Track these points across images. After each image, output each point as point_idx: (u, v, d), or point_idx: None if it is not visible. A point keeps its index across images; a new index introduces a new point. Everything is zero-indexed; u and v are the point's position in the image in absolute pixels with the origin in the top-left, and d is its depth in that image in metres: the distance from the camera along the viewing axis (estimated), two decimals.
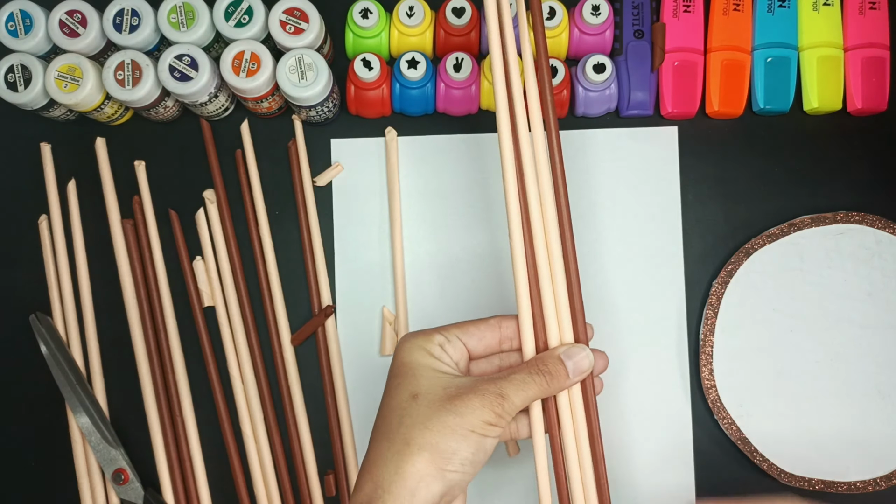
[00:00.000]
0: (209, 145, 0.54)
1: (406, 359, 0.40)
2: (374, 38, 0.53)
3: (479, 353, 0.42)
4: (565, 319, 0.42)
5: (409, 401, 0.38)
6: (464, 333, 0.41)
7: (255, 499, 0.53)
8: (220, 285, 0.54)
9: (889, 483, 0.52)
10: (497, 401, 0.37)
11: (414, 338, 0.41)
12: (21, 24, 0.50)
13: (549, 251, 0.42)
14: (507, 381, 0.38)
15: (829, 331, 0.53)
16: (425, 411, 0.37)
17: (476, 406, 0.37)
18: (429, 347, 0.40)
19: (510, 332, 0.43)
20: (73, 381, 0.52)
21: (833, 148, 0.55)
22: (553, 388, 0.40)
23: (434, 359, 0.40)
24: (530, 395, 0.39)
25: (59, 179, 0.55)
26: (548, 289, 0.42)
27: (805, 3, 0.53)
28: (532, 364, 0.40)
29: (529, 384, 0.39)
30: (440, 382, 0.38)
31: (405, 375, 0.39)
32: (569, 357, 0.40)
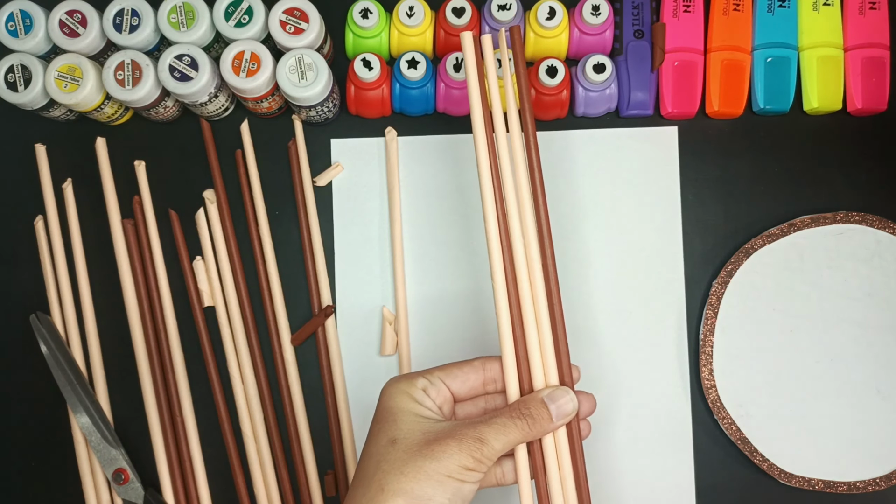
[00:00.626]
0: (209, 145, 0.54)
1: (388, 403, 0.40)
2: (374, 38, 0.53)
3: (463, 395, 0.42)
4: (550, 361, 0.41)
5: (388, 446, 0.38)
6: (447, 376, 0.41)
7: (255, 499, 0.53)
8: (220, 285, 0.54)
9: (889, 483, 0.52)
10: (475, 445, 0.37)
11: (397, 382, 0.40)
12: (21, 24, 0.50)
13: (533, 292, 0.41)
14: (487, 426, 0.38)
15: (829, 331, 0.53)
16: (402, 456, 0.37)
17: (454, 451, 0.36)
18: (411, 392, 0.40)
19: (494, 374, 0.42)
20: (73, 381, 0.52)
21: (833, 148, 0.55)
22: (536, 433, 0.39)
23: (416, 403, 0.39)
24: (511, 440, 0.38)
25: (59, 179, 0.55)
26: (532, 330, 0.41)
27: (805, 3, 0.53)
28: (514, 407, 0.39)
29: (511, 428, 0.38)
30: (420, 427, 0.38)
31: (386, 420, 0.39)
32: (552, 400, 0.40)
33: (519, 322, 0.41)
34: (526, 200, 0.42)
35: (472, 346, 0.53)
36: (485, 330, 0.54)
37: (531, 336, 0.41)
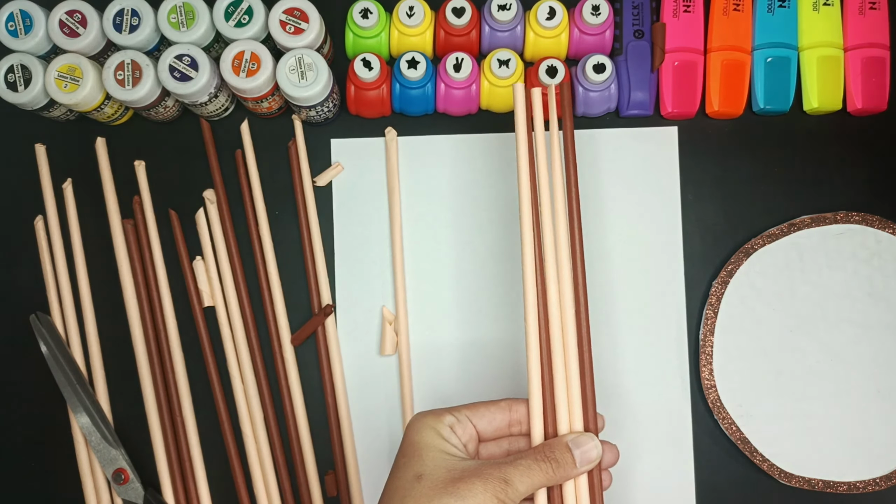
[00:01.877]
0: (209, 145, 0.54)
1: (415, 438, 0.40)
2: (374, 38, 0.53)
3: (488, 434, 0.42)
4: (576, 407, 0.42)
5: (413, 481, 0.38)
6: (474, 415, 0.41)
7: (255, 499, 0.53)
8: (220, 285, 0.54)
9: (889, 483, 0.52)
10: (500, 486, 0.37)
11: (424, 417, 0.41)
12: (21, 24, 0.50)
13: (564, 339, 0.42)
14: (513, 467, 0.38)
15: (829, 331, 0.53)
16: (427, 493, 0.37)
17: (479, 490, 0.36)
18: (438, 428, 0.40)
19: (520, 416, 0.42)
20: (73, 381, 0.52)
21: (833, 148, 0.55)
22: (559, 477, 0.39)
23: (443, 440, 0.40)
24: (535, 483, 0.38)
25: (59, 179, 0.55)
26: (560, 375, 0.42)
27: (805, 3, 0.53)
28: (539, 450, 0.40)
29: (535, 471, 0.38)
30: (445, 464, 0.38)
31: (412, 455, 0.39)
32: (577, 445, 0.40)
33: (548, 366, 0.42)
34: (563, 248, 0.43)
35: (473, 346, 0.53)
36: (485, 330, 0.54)
37: (559, 381, 0.42)
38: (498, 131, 0.55)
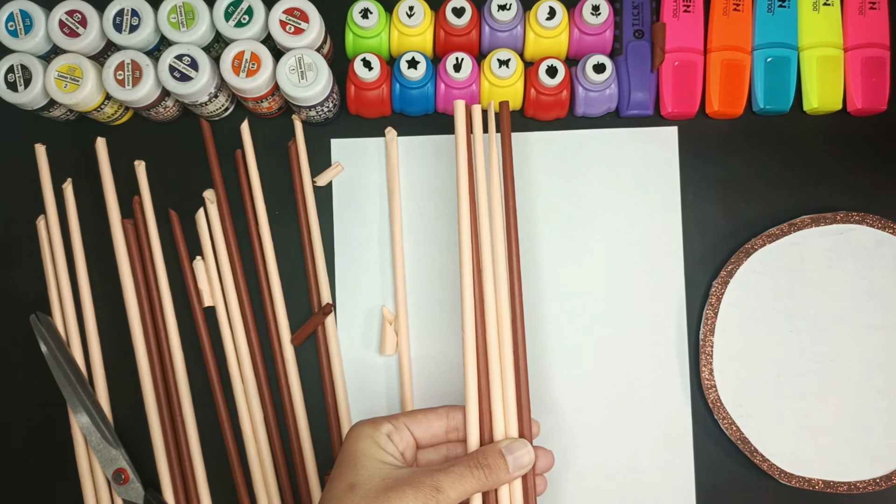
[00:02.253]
0: (209, 145, 0.54)
1: (352, 447, 0.40)
2: (374, 38, 0.53)
3: (426, 441, 0.43)
4: (511, 413, 0.43)
5: (346, 491, 0.38)
6: (412, 422, 0.42)
7: (255, 499, 0.53)
8: (220, 285, 0.54)
9: (889, 483, 0.52)
10: (432, 494, 0.37)
11: (363, 426, 0.41)
12: (21, 24, 0.50)
13: (500, 346, 0.44)
14: (445, 474, 0.39)
15: (829, 331, 0.53)
16: (360, 502, 0.37)
17: (410, 499, 0.37)
18: (375, 437, 0.40)
19: (457, 423, 0.43)
20: (73, 380, 0.52)
21: (833, 148, 0.55)
22: (492, 483, 0.40)
23: (379, 448, 0.40)
24: (468, 489, 0.39)
25: (59, 179, 0.55)
26: (496, 382, 0.43)
27: (805, 3, 0.53)
28: (472, 457, 0.40)
29: (467, 478, 0.39)
30: (380, 473, 0.39)
31: (347, 465, 0.40)
32: (510, 452, 0.41)
33: (485, 374, 0.43)
34: (500, 255, 0.45)
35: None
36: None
37: (495, 388, 0.43)
38: (497, 131, 0.55)
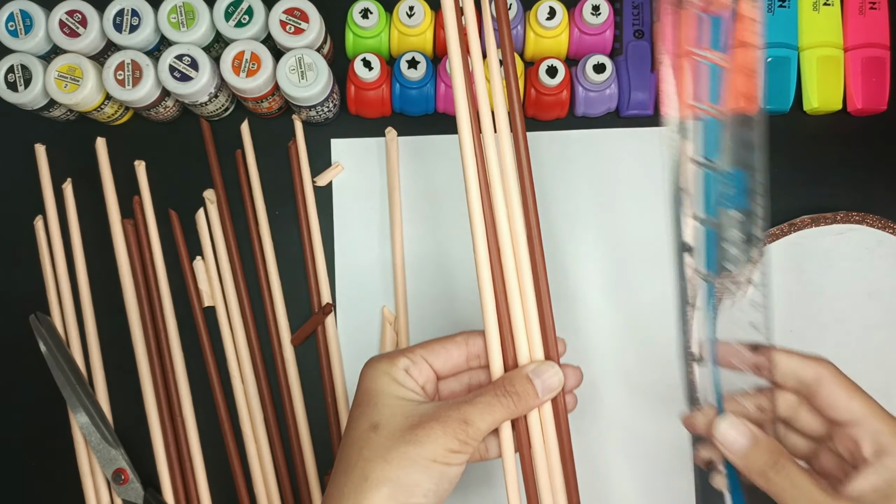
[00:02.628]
0: (209, 145, 0.54)
1: (369, 386, 0.38)
2: (374, 38, 0.53)
3: (446, 372, 0.40)
4: (535, 335, 0.40)
5: (369, 431, 0.36)
6: (429, 354, 0.39)
7: (255, 499, 0.53)
8: (220, 285, 0.54)
9: None
10: (461, 427, 0.36)
11: (378, 362, 0.39)
12: (21, 24, 0.50)
13: (517, 263, 0.40)
14: (472, 405, 0.36)
15: (829, 331, 0.53)
16: (385, 443, 0.35)
17: (438, 434, 0.35)
18: (393, 373, 0.38)
19: (478, 349, 0.41)
20: (73, 381, 0.52)
21: (833, 148, 0.55)
22: (521, 409, 0.38)
23: (398, 385, 0.38)
24: (497, 419, 0.37)
25: (59, 179, 0.55)
26: (516, 303, 0.39)
27: (805, 3, 0.53)
28: (499, 385, 0.38)
29: (496, 407, 0.37)
30: (402, 410, 0.37)
31: (367, 404, 0.38)
32: (537, 375, 0.38)
33: (503, 294, 0.40)
34: (510, 169, 0.40)
35: None
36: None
37: (515, 309, 0.39)
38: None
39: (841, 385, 0.37)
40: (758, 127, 0.37)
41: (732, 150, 0.37)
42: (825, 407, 0.37)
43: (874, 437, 0.35)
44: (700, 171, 0.37)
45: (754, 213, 0.37)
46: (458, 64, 0.40)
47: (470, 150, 0.39)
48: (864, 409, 0.36)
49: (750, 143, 0.37)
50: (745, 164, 0.37)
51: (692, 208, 0.38)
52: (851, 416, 0.36)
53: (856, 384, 0.37)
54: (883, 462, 0.35)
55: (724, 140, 0.37)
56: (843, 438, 0.37)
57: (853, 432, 0.36)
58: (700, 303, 0.38)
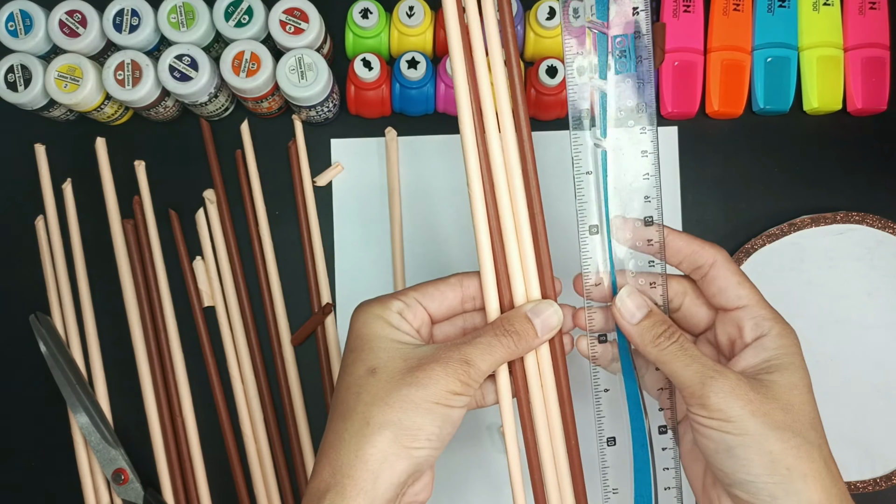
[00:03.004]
0: (209, 145, 0.54)
1: (362, 330, 0.37)
2: (374, 38, 0.53)
3: (441, 315, 0.39)
4: (532, 274, 0.38)
5: (367, 376, 0.35)
6: (423, 296, 0.38)
7: (255, 499, 0.53)
8: (220, 285, 0.54)
9: (889, 483, 0.52)
10: (462, 368, 0.35)
11: (369, 306, 0.37)
12: (21, 24, 0.50)
13: (512, 199, 0.38)
14: (472, 346, 0.36)
15: (829, 331, 0.53)
16: (385, 386, 0.34)
17: (440, 376, 0.34)
18: (386, 316, 0.37)
19: (473, 291, 0.39)
20: (73, 381, 0.52)
21: (833, 148, 0.55)
22: (521, 349, 0.37)
23: (393, 328, 0.36)
24: (497, 359, 0.36)
25: (59, 179, 0.55)
26: (512, 242, 0.38)
27: (805, 3, 0.53)
28: (497, 325, 0.37)
29: (496, 347, 0.36)
30: (400, 354, 0.35)
31: (362, 349, 0.36)
32: (536, 314, 0.37)
33: (498, 234, 0.38)
34: (501, 88, 0.38)
35: None
36: None
37: (511, 248, 0.38)
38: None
39: (733, 271, 0.38)
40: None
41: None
42: (715, 291, 0.38)
43: (756, 322, 0.37)
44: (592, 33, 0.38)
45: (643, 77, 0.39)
46: (460, 57, 0.38)
47: (462, 78, 0.38)
48: (751, 295, 0.38)
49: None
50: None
51: (589, 73, 0.39)
52: (738, 302, 0.37)
53: (744, 273, 0.38)
54: (762, 342, 0.37)
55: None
56: (726, 325, 0.38)
57: (738, 316, 0.38)
58: (595, 169, 0.39)
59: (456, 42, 0.38)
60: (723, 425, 0.34)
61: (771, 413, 0.34)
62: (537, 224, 0.39)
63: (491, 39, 0.38)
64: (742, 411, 0.34)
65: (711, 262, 0.38)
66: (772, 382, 0.35)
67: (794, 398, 0.35)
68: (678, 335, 0.37)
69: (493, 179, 0.38)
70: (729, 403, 0.34)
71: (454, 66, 0.38)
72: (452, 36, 0.38)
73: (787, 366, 0.36)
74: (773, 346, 0.36)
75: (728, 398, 0.34)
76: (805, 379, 0.36)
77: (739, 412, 0.34)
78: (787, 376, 0.35)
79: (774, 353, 0.36)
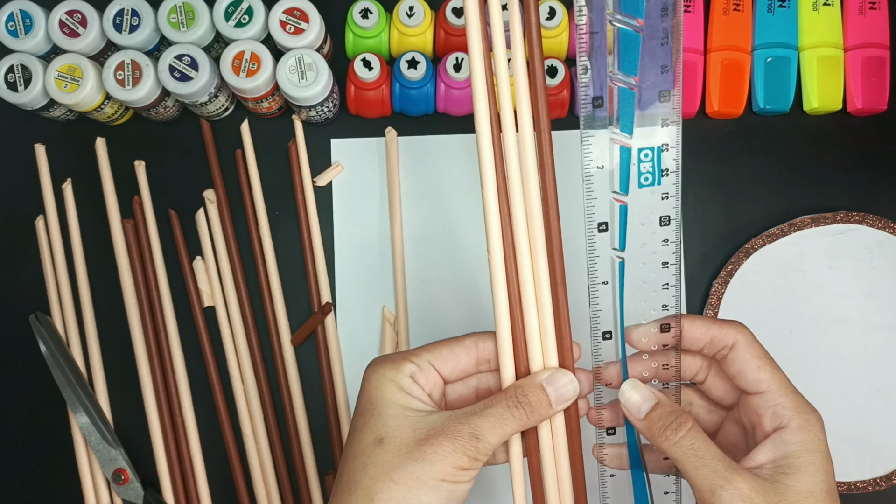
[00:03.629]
0: (209, 145, 0.54)
1: (373, 394, 0.36)
2: (374, 38, 0.53)
3: (454, 377, 0.38)
4: (550, 341, 0.37)
5: (374, 445, 0.35)
6: (436, 358, 0.37)
7: (255, 499, 0.53)
8: (220, 285, 0.54)
9: (889, 483, 0.52)
10: (471, 443, 0.34)
11: (382, 367, 0.37)
12: (21, 24, 0.50)
13: (534, 265, 0.37)
14: (482, 418, 0.35)
15: (829, 331, 0.53)
16: (391, 459, 0.34)
17: (447, 451, 0.34)
18: (398, 380, 0.36)
19: (488, 354, 0.38)
20: (73, 381, 0.52)
21: (833, 148, 0.55)
22: (534, 421, 0.36)
23: (404, 393, 0.36)
24: (508, 432, 0.35)
25: (59, 179, 0.55)
26: (531, 307, 0.37)
27: (805, 3, 0.53)
28: (510, 395, 0.36)
29: (507, 419, 0.35)
30: (408, 423, 0.35)
31: (370, 414, 0.36)
32: (551, 384, 0.36)
33: (517, 298, 0.37)
34: (530, 158, 0.37)
35: None
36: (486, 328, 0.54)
37: (530, 312, 0.37)
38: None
39: (754, 353, 0.37)
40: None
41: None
42: (735, 374, 0.37)
43: (775, 410, 0.36)
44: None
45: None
46: (479, 56, 0.37)
47: (488, 142, 0.37)
48: (771, 380, 0.36)
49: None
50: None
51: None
52: (758, 387, 0.36)
53: (768, 355, 0.37)
54: (781, 435, 0.35)
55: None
56: (747, 409, 0.37)
57: (757, 403, 0.36)
58: (610, 279, 0.38)
59: (477, 54, 0.37)
60: None
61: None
62: (558, 289, 0.37)
63: (515, 44, 0.37)
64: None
65: (732, 343, 0.37)
66: (787, 489, 0.34)
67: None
68: (687, 428, 0.35)
69: (514, 242, 0.37)
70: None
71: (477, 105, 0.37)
72: (473, 40, 0.37)
73: (806, 467, 0.34)
74: (794, 441, 0.35)
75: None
76: (825, 482, 0.34)
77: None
78: (805, 481, 0.34)
79: (794, 448, 0.35)
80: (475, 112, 0.37)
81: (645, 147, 0.37)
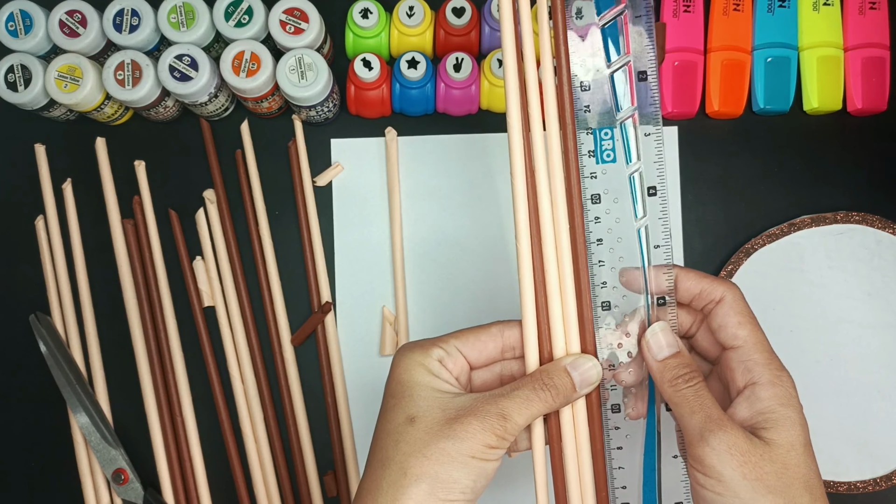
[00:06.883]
0: (209, 145, 0.54)
1: (403, 377, 0.37)
2: (374, 38, 0.53)
3: (479, 363, 0.40)
4: (572, 328, 0.39)
5: (406, 424, 0.36)
6: (463, 345, 0.39)
7: (255, 499, 0.53)
8: (220, 285, 0.54)
9: (889, 483, 0.52)
10: (499, 422, 0.35)
11: (411, 352, 0.38)
12: (21, 24, 0.50)
13: (558, 256, 0.39)
14: (509, 399, 0.36)
15: (829, 331, 0.53)
16: (423, 437, 0.35)
17: (476, 430, 0.35)
18: (427, 363, 0.37)
19: (513, 341, 0.40)
20: (73, 381, 0.52)
21: (833, 148, 0.55)
22: (559, 403, 0.37)
23: (433, 376, 0.37)
24: (535, 413, 0.36)
25: (59, 179, 0.55)
26: (555, 296, 0.39)
27: (805, 3, 0.53)
28: (536, 378, 0.37)
29: (534, 401, 0.36)
30: (438, 403, 0.36)
31: (402, 395, 0.37)
32: (575, 368, 0.37)
33: (542, 287, 0.39)
34: (556, 156, 0.39)
35: None
36: None
37: (553, 301, 0.39)
38: (498, 131, 0.55)
39: (738, 310, 0.38)
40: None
41: None
42: (716, 328, 0.38)
43: (746, 366, 0.37)
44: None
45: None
46: (512, 57, 0.39)
47: (518, 141, 0.38)
48: (748, 336, 0.37)
49: None
50: None
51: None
52: (734, 342, 0.37)
53: (752, 315, 0.38)
54: (753, 391, 0.36)
55: None
56: (724, 366, 0.38)
57: (731, 357, 0.37)
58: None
59: (511, 67, 0.39)
60: (715, 485, 0.34)
61: (764, 477, 0.34)
62: (581, 279, 0.39)
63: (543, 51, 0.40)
64: (734, 473, 0.34)
65: (719, 298, 0.38)
66: (770, 441, 0.35)
67: (790, 459, 0.35)
68: (697, 381, 0.36)
69: (541, 237, 0.39)
70: (723, 463, 0.34)
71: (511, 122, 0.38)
72: (508, 51, 0.39)
73: (783, 421, 0.35)
74: (766, 396, 0.36)
75: (723, 457, 0.34)
76: (801, 435, 0.35)
77: (732, 473, 0.34)
78: (784, 434, 0.35)
79: (768, 404, 0.36)
80: (507, 110, 0.39)
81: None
